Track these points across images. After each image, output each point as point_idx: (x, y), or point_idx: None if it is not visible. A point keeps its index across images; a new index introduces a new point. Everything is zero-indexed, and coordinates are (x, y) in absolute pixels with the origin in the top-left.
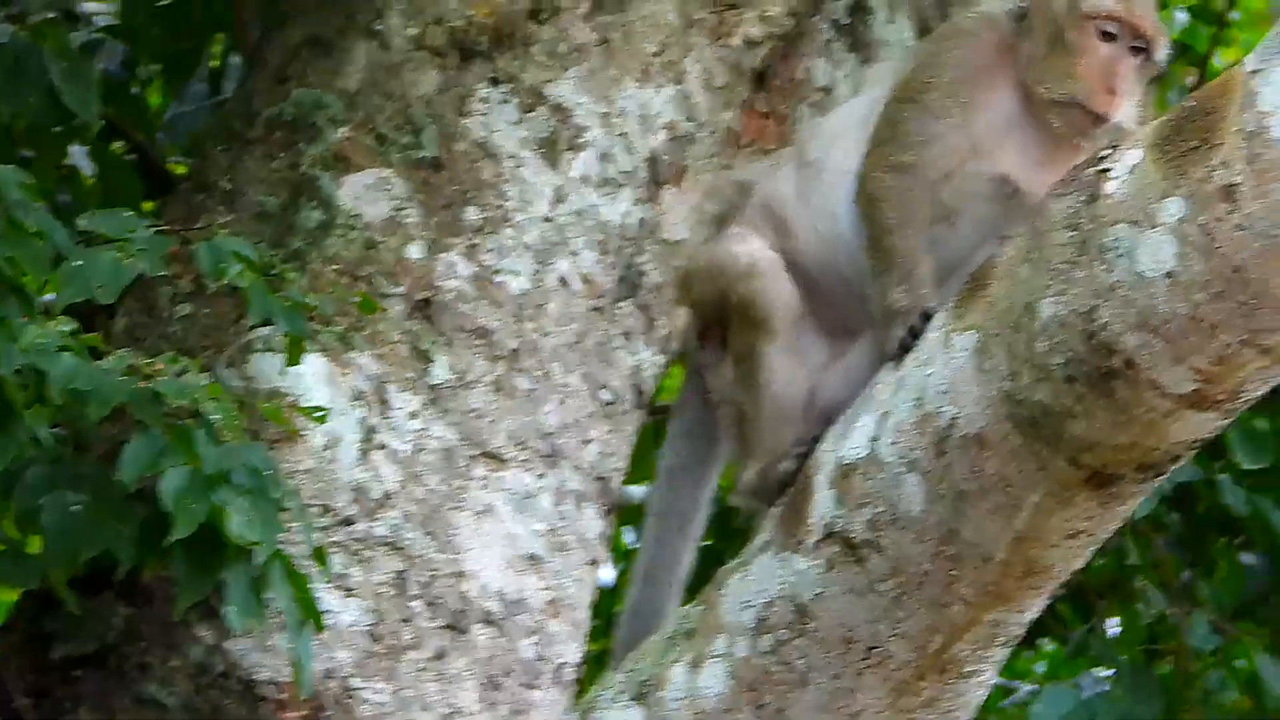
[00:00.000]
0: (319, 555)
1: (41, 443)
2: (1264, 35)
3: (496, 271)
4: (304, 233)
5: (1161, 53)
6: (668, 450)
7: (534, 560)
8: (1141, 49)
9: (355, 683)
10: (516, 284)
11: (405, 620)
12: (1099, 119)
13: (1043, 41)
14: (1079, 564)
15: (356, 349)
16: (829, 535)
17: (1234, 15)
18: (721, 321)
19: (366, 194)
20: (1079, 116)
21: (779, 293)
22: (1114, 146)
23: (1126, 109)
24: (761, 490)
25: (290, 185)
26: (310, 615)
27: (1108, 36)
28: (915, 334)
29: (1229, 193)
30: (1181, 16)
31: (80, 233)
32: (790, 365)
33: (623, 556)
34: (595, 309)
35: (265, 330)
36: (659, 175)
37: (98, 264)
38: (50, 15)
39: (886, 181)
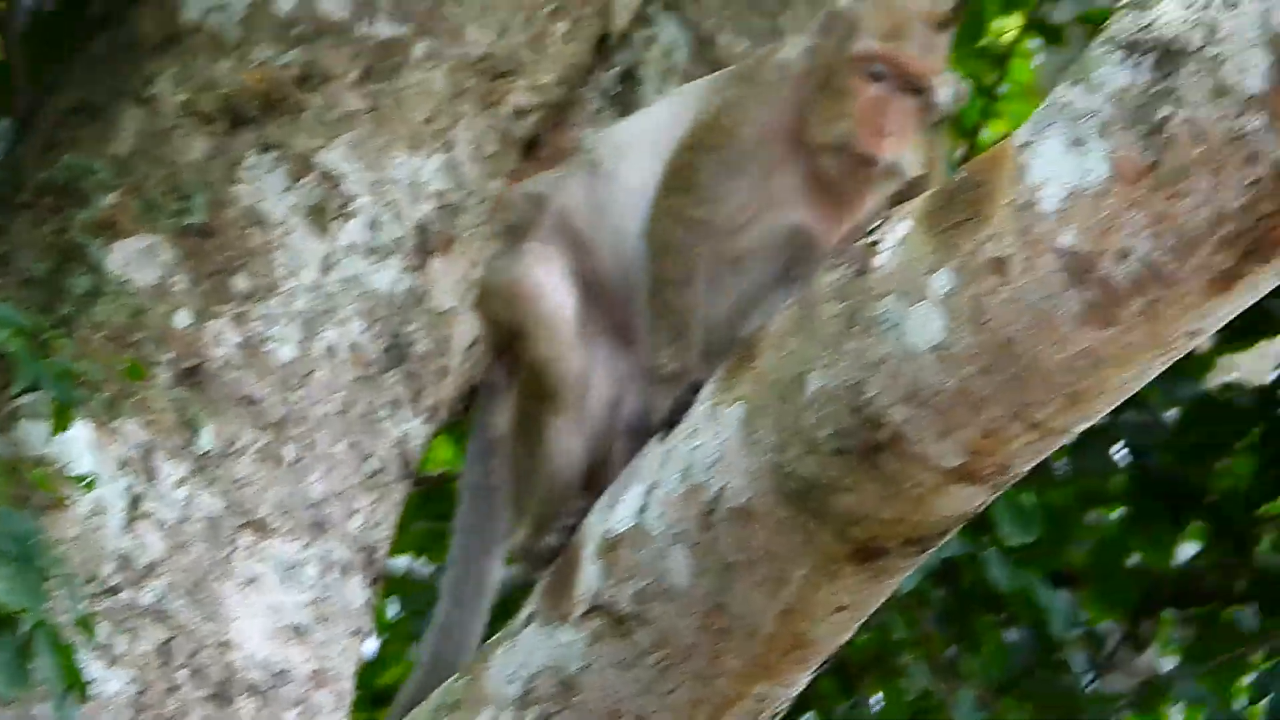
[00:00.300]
0: (84, 623)
1: None
2: (1033, 108)
3: (265, 339)
4: (73, 298)
5: (941, 93)
6: (467, 469)
7: (299, 631)
8: (916, 89)
9: None
10: (284, 352)
11: (170, 690)
12: (869, 161)
13: (817, 87)
14: (844, 638)
15: (124, 416)
16: (595, 608)
17: (1003, 88)
18: (511, 348)
19: (135, 260)
20: (849, 160)
21: (568, 358)
22: (885, 218)
23: (900, 150)
24: (530, 557)
25: (59, 251)
26: (74, 684)
27: (876, 77)
28: (682, 407)
29: (999, 265)
30: None
31: None
32: (571, 438)
33: (387, 628)
34: (362, 378)
35: (32, 396)
36: (427, 244)
37: None
38: None
39: (676, 234)
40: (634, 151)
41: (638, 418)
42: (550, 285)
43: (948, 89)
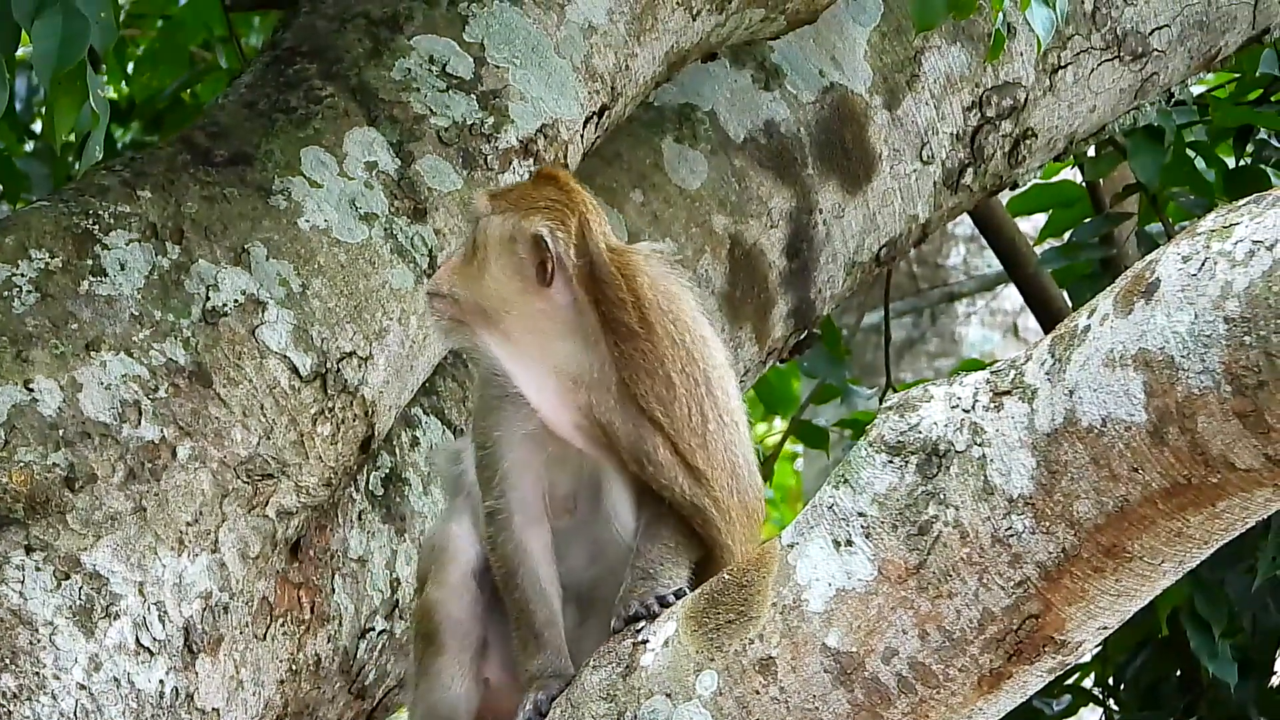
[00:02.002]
0: None
1: None
2: (797, 511)
3: None
4: None
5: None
6: None
7: None
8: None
9: None
10: None
11: None
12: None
13: None
14: None
15: None
16: None
17: (768, 493)
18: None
19: None
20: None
21: (451, 602)
22: (652, 617)
23: (440, 275)
24: None
25: None
26: None
27: None
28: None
29: (766, 665)
30: None
31: None
32: (452, 680)
33: None
34: None
35: None
36: (194, 644)
37: None
38: None
39: (489, 533)
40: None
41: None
42: (454, 535)
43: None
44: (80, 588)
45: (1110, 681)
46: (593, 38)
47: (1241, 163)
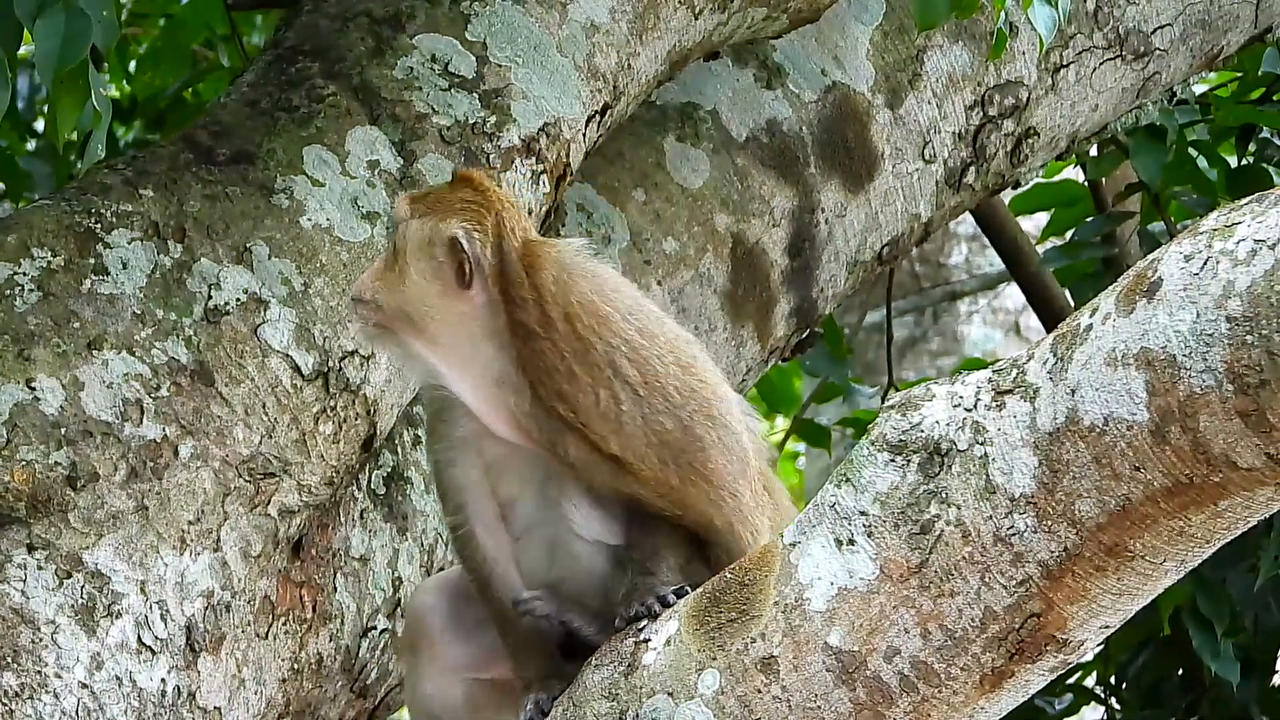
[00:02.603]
0: None
1: None
2: (799, 510)
3: None
4: None
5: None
6: None
7: None
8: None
9: None
10: None
11: None
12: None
13: None
14: None
15: None
16: None
17: None
18: None
19: None
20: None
21: (436, 615)
22: (654, 616)
23: (362, 280)
24: None
25: None
26: None
27: None
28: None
29: (768, 664)
30: None
31: None
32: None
33: None
34: None
35: None
36: (196, 643)
37: None
38: None
39: (455, 547)
40: None
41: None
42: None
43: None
44: (82, 586)
45: (1112, 680)
46: (595, 36)
47: (1244, 162)
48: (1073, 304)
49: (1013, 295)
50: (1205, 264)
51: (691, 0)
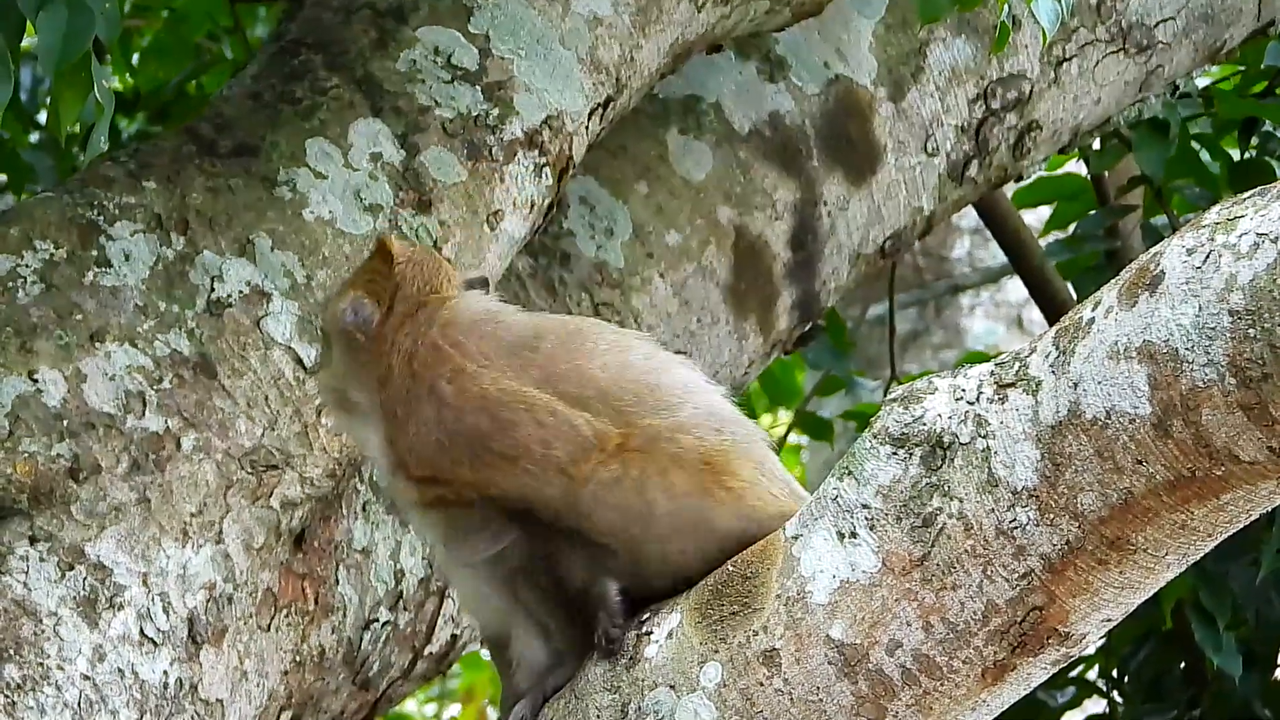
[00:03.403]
0: None
1: None
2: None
3: None
4: None
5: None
6: None
7: None
8: None
9: None
10: None
11: None
12: None
13: None
14: None
15: None
16: None
17: None
18: None
19: None
20: None
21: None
22: (654, 610)
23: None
24: None
25: None
26: None
27: None
28: None
29: (770, 658)
30: None
31: None
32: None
33: None
34: None
35: None
36: (198, 635)
37: None
38: None
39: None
40: None
41: None
42: None
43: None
44: (84, 578)
45: (1114, 674)
46: (598, 29)
47: (1246, 155)
48: (1075, 297)
49: (1015, 289)
50: (1208, 258)
51: None
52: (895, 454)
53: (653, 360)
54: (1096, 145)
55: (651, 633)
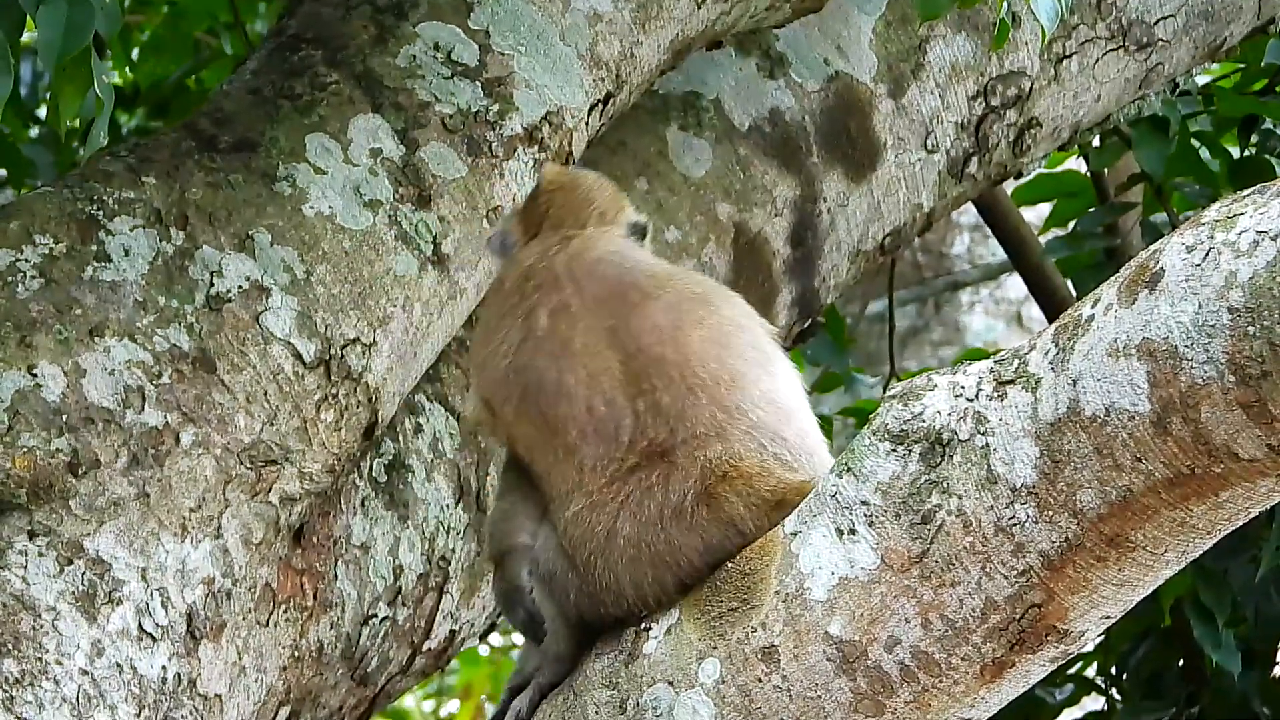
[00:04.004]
0: None
1: None
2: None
3: None
4: None
5: None
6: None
7: None
8: None
9: None
10: None
11: None
12: None
13: None
14: None
15: None
16: None
17: None
18: None
19: None
20: None
21: None
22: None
23: None
24: None
25: None
26: None
27: None
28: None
29: (768, 654)
30: None
31: None
32: None
33: None
34: None
35: None
36: (197, 630)
37: None
38: None
39: None
40: None
41: None
42: None
43: None
44: (83, 573)
45: (1113, 671)
46: (598, 25)
47: (1246, 153)
48: (1075, 295)
49: (1015, 285)
50: (1207, 255)
51: None
52: (894, 451)
53: (748, 354)
54: (1096, 142)
55: (650, 629)
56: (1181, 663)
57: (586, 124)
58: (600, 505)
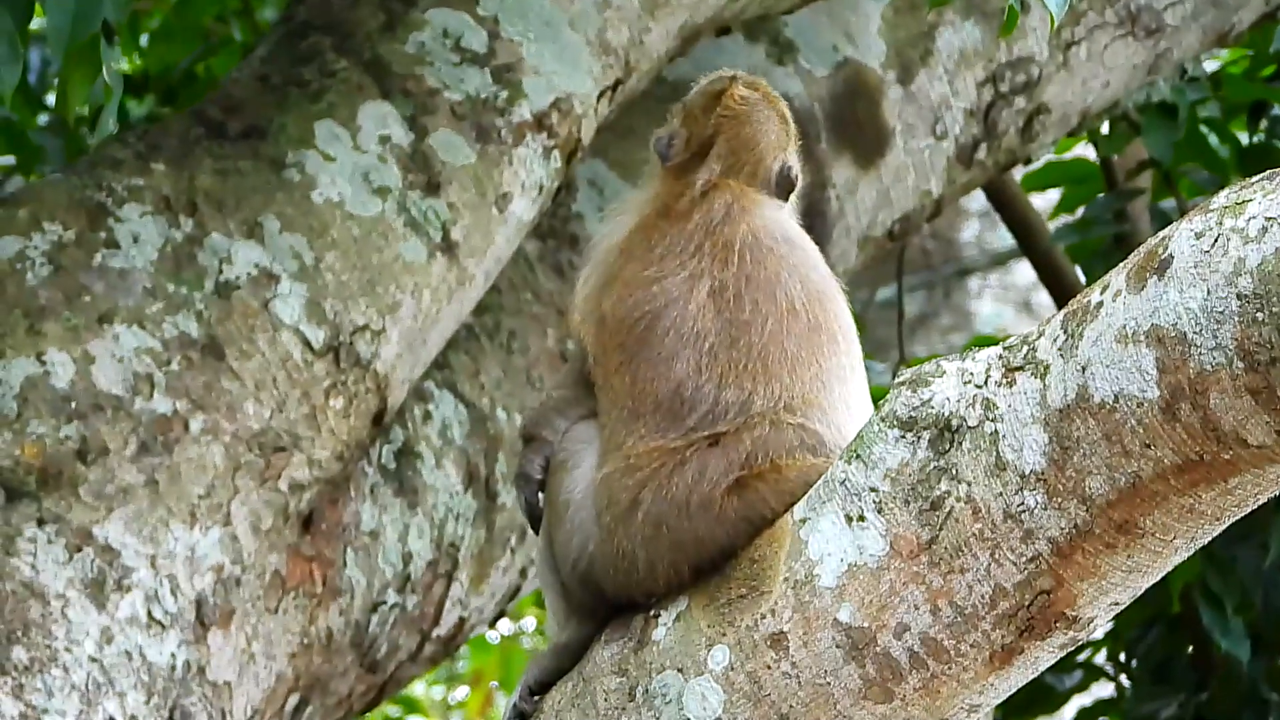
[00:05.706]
0: None
1: None
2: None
3: (44, 712)
4: None
5: None
6: None
7: None
8: None
9: None
10: None
11: None
12: None
13: None
14: None
15: None
16: None
17: None
18: None
19: None
20: None
21: None
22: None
23: None
24: None
25: None
26: None
27: None
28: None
29: (778, 641)
30: None
31: None
32: None
33: None
34: None
35: None
36: (206, 617)
37: None
38: None
39: None
40: None
41: None
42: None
43: None
44: (92, 560)
45: (1122, 658)
46: (607, 12)
47: (1255, 139)
48: (1084, 281)
49: (1023, 272)
50: (1216, 241)
51: None
52: (903, 437)
53: (830, 365)
54: (1105, 129)
55: (659, 615)
56: (1190, 649)
57: (595, 110)
58: (632, 471)
